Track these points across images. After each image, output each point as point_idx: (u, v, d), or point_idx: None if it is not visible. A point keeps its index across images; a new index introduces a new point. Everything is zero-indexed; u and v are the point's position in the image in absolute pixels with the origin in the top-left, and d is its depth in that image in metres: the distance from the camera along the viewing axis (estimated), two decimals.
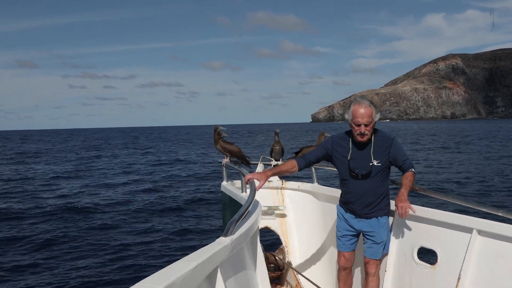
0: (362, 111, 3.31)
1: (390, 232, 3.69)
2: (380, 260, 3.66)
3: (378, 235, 3.55)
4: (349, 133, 3.53)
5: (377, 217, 3.54)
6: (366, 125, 3.33)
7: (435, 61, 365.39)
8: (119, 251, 8.27)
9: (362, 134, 3.36)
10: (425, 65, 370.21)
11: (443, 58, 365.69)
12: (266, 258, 4.51)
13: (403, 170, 3.49)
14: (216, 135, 5.23)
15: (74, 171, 21.86)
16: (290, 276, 4.94)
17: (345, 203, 3.67)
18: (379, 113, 3.46)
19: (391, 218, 3.72)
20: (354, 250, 3.77)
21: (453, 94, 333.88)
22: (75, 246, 8.58)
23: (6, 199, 13.72)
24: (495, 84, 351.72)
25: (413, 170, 3.45)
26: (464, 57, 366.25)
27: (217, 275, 2.00)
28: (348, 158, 3.47)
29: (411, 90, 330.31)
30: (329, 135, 3.97)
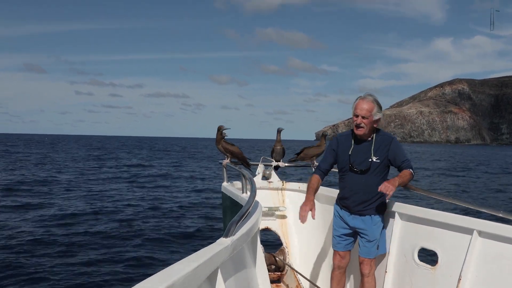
0: (363, 104, 3.49)
1: (391, 233, 3.70)
2: (376, 260, 3.69)
3: (370, 233, 3.61)
4: (353, 131, 3.64)
5: (370, 215, 3.61)
6: (363, 118, 3.48)
7: (441, 85, 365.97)
8: (119, 252, 8.26)
9: (357, 126, 3.51)
10: (431, 89, 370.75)
11: (450, 83, 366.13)
12: (267, 259, 4.51)
13: (401, 170, 3.54)
14: (219, 135, 5.27)
15: (75, 179, 21.80)
16: (290, 277, 4.93)
17: (341, 199, 3.76)
18: (381, 113, 3.58)
19: (391, 219, 3.74)
20: (349, 250, 3.81)
21: (458, 119, 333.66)
22: (76, 249, 8.53)
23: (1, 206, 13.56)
24: (501, 110, 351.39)
25: (411, 171, 3.50)
26: (470, 82, 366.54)
27: (218, 276, 2.00)
28: (349, 153, 3.60)
29: (416, 113, 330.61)
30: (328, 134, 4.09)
